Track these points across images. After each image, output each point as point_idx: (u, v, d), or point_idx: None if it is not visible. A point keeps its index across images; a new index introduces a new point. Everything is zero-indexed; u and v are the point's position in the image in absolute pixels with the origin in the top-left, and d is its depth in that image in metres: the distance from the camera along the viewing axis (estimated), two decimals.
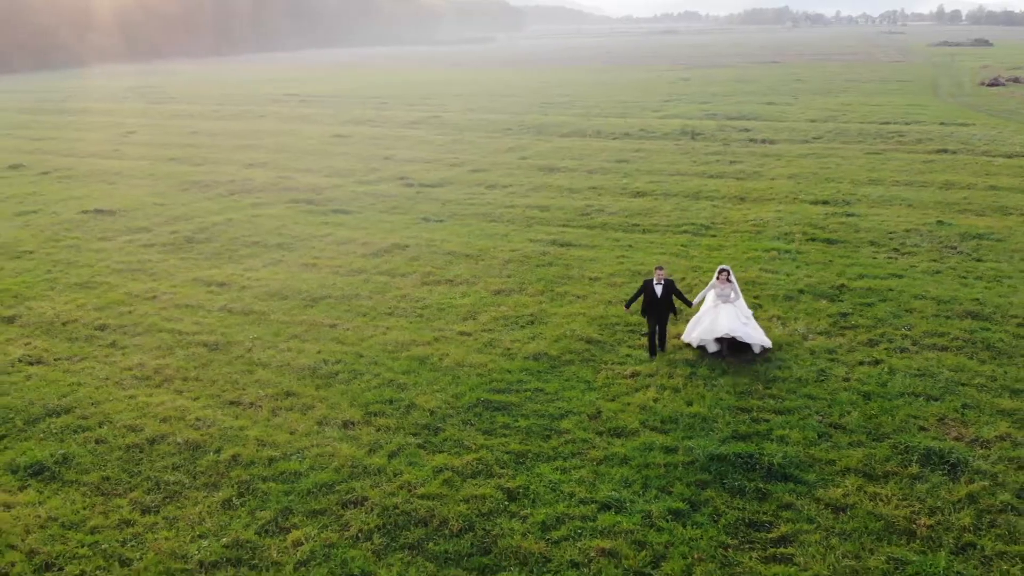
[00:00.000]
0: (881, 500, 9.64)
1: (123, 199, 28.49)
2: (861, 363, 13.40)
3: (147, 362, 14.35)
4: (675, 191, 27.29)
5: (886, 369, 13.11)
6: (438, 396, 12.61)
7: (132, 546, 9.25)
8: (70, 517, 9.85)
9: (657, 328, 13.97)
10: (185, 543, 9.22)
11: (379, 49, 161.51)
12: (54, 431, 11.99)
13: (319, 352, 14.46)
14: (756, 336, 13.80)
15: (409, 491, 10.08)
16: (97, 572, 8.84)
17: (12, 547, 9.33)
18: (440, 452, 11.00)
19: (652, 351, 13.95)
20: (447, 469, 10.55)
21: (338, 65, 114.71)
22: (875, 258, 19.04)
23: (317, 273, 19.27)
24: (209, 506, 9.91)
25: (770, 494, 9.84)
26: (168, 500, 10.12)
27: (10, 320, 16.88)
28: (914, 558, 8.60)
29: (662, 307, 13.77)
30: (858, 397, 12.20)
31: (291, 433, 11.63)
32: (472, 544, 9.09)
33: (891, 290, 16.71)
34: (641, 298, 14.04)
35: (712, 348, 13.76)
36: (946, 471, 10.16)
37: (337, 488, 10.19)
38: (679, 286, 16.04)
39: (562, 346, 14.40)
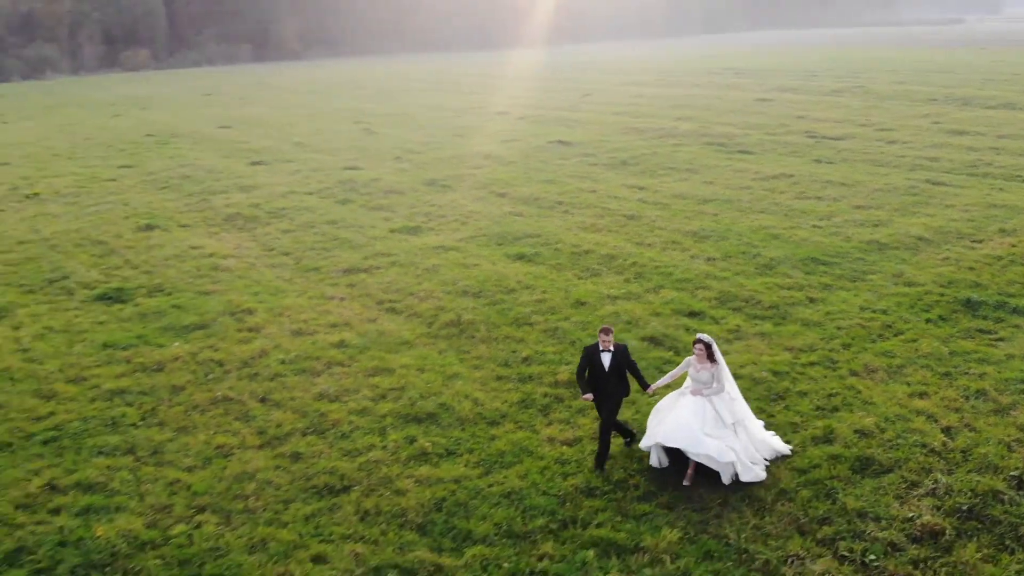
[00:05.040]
0: None
1: (578, 136, 36.62)
2: None
3: (587, 221, 21.20)
4: None
5: None
6: (779, 252, 17.46)
7: (574, 284, 15.89)
8: (538, 273, 16.87)
9: (605, 419, 9.72)
10: (600, 289, 15.57)
11: (832, 30, 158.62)
12: (528, 245, 19.26)
13: (700, 225, 20.06)
14: (721, 455, 8.93)
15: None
16: (554, 294, 15.57)
17: (506, 278, 16.53)
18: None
19: (600, 461, 9.73)
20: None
21: (782, 43, 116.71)
22: None
23: (712, 187, 24.70)
24: (615, 281, 16.18)
25: None
26: (592, 276, 16.62)
27: (502, 195, 25.05)
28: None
29: (612, 385, 9.68)
30: None
31: (671, 260, 17.46)
32: None
33: None
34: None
35: (654, 460, 9.53)
36: None
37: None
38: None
39: (894, 239, 18.16)
